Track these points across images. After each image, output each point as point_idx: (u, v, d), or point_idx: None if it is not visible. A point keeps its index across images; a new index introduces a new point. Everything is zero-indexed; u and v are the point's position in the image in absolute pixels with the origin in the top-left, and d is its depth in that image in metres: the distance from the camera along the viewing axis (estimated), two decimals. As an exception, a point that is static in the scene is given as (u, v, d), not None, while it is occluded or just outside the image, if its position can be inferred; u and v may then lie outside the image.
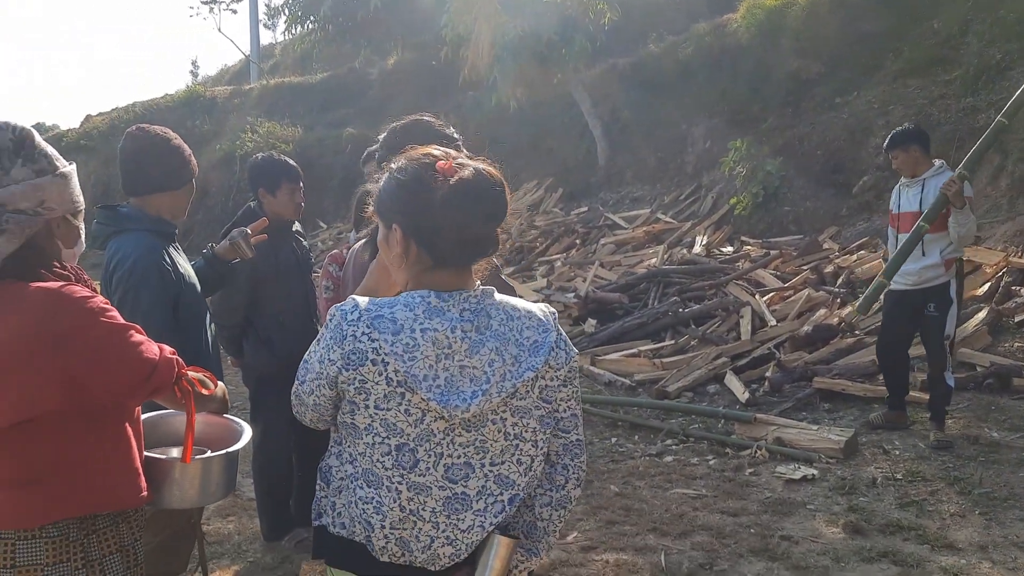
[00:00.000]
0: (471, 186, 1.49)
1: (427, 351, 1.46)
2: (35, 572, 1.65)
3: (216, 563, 3.86)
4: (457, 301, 1.51)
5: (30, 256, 1.69)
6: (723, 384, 6.07)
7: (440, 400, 1.46)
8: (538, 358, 1.54)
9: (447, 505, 1.53)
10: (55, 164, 1.73)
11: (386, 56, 19.22)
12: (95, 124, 21.04)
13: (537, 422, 1.58)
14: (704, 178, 10.94)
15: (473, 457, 1.53)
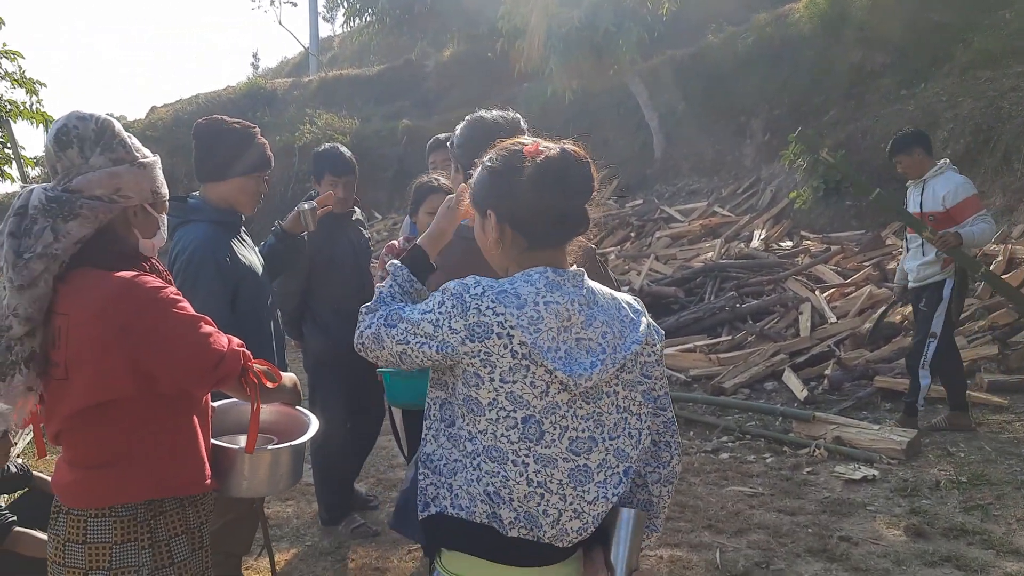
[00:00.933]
0: (556, 164, 1.57)
1: (550, 323, 1.52)
2: (104, 549, 1.72)
3: (275, 546, 3.95)
4: (568, 277, 1.59)
5: (106, 243, 1.75)
6: (781, 381, 5.99)
7: (565, 369, 1.52)
8: (639, 333, 1.63)
9: (572, 477, 1.57)
10: (134, 154, 1.79)
11: (442, 48, 19.31)
12: (160, 115, 21.59)
13: (642, 396, 1.66)
14: (763, 171, 10.76)
15: (595, 431, 1.59)
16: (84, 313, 1.67)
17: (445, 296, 1.56)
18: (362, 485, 4.76)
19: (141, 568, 1.74)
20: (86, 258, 1.73)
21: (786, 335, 6.61)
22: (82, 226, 1.70)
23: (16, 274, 1.67)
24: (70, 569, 1.73)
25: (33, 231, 1.68)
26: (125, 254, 1.79)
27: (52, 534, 1.79)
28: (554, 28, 11.17)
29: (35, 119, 13.30)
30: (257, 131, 2.94)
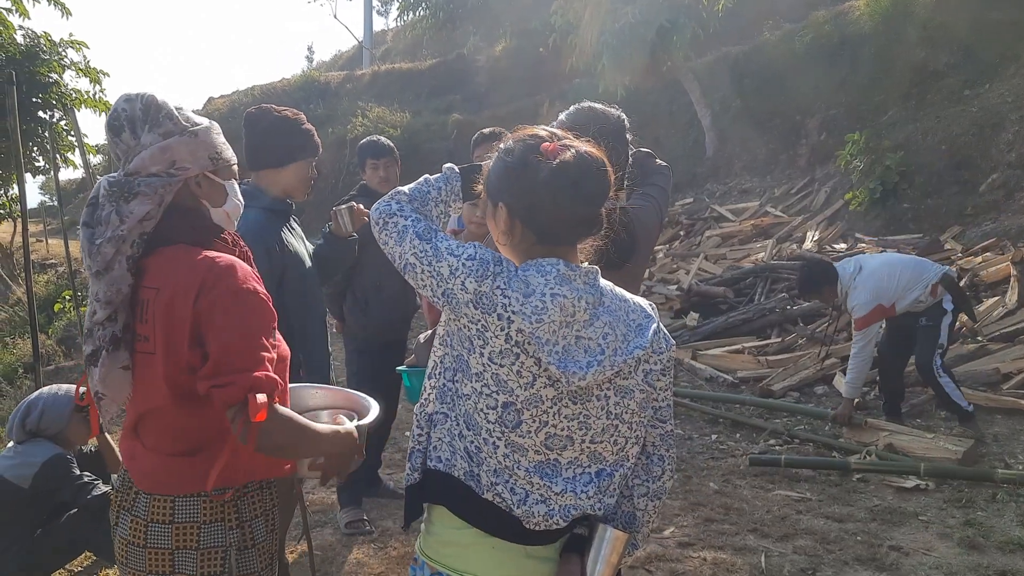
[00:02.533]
0: (571, 168, 1.53)
1: (554, 316, 1.49)
2: (192, 528, 1.72)
3: (318, 532, 4.01)
4: (580, 273, 1.56)
5: (181, 218, 1.75)
6: (831, 386, 5.87)
7: (559, 365, 1.49)
8: (644, 339, 1.59)
9: (539, 468, 1.56)
10: (183, 124, 1.76)
11: (493, 43, 19.34)
12: (217, 106, 22.05)
13: (637, 405, 1.61)
14: (817, 171, 10.56)
15: (576, 432, 1.56)
16: (171, 286, 1.67)
17: (475, 252, 1.55)
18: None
19: (229, 548, 1.74)
20: (169, 235, 1.73)
21: (838, 339, 6.46)
22: (143, 204, 1.69)
23: (92, 261, 1.69)
24: (153, 549, 1.71)
25: (101, 217, 1.71)
26: (203, 227, 1.79)
27: (130, 516, 1.76)
28: (608, 24, 11.10)
29: (98, 107, 13.71)
30: (303, 118, 2.98)
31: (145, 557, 1.72)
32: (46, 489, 3.30)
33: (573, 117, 2.44)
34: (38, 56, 12.43)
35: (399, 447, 5.30)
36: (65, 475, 3.33)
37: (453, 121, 16.71)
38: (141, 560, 1.72)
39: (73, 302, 9.06)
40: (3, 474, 3.31)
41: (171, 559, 1.71)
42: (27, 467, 3.30)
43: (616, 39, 11.01)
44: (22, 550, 3.29)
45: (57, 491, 3.32)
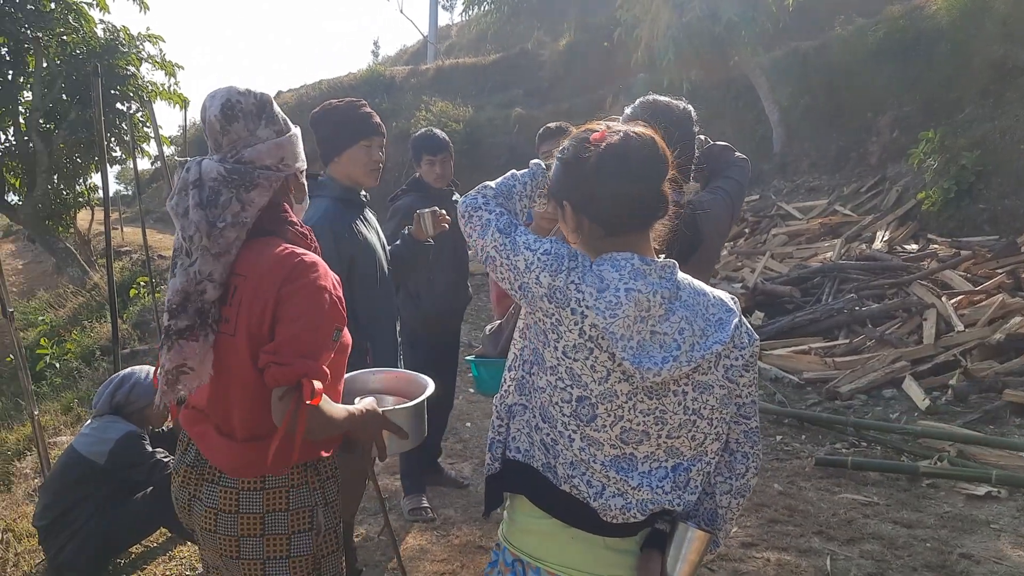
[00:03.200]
0: (618, 148, 1.54)
1: (628, 311, 1.49)
2: (282, 492, 1.84)
3: (381, 518, 4.08)
4: (656, 267, 1.54)
5: (273, 211, 1.87)
6: (900, 389, 5.72)
7: (633, 361, 1.49)
8: (724, 333, 1.56)
9: (615, 463, 1.56)
10: (288, 125, 1.91)
11: (558, 37, 19.31)
12: (285, 99, 22.49)
13: (717, 400, 1.59)
14: (889, 170, 10.28)
15: (651, 427, 1.55)
16: (258, 274, 1.77)
17: (551, 247, 1.57)
18: (466, 465, 4.86)
19: (316, 507, 1.88)
20: (261, 226, 1.84)
21: (908, 341, 6.31)
22: (261, 195, 1.81)
23: (212, 243, 1.77)
24: (246, 515, 1.82)
25: (219, 202, 1.78)
26: (289, 221, 1.90)
27: (218, 487, 1.84)
28: (674, 18, 10.99)
29: (172, 100, 14.12)
30: (361, 103, 3.02)
31: (237, 522, 1.83)
32: (120, 465, 3.43)
33: (638, 110, 2.45)
34: (117, 49, 12.89)
35: (459, 437, 5.37)
36: (138, 452, 3.46)
37: (515, 116, 16.73)
38: (233, 525, 1.83)
39: (148, 288, 9.37)
40: (80, 450, 3.46)
41: (262, 522, 1.83)
42: (103, 443, 3.43)
43: (683, 33, 10.90)
44: (100, 524, 3.42)
45: (131, 468, 3.46)
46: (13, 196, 13.86)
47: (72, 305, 12.13)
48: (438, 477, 4.43)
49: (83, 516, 3.42)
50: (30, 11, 11.53)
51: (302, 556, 1.86)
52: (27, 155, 12.94)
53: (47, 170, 12.83)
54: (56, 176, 13.66)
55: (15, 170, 13.53)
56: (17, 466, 5.32)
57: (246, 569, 1.85)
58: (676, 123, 2.36)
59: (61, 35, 12.42)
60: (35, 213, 13.31)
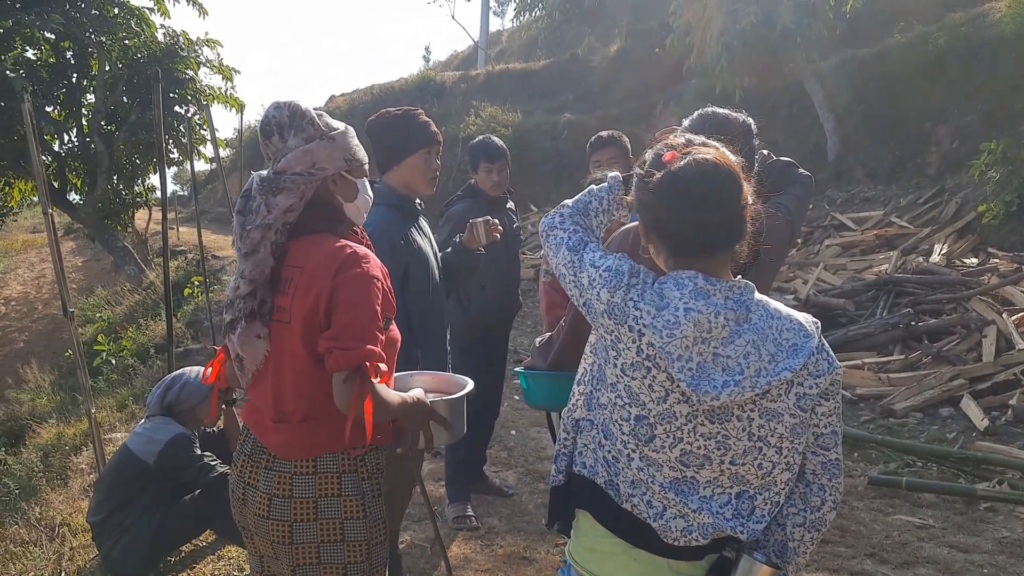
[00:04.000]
0: (681, 174, 1.50)
1: (687, 331, 1.46)
2: (335, 477, 1.93)
3: (426, 524, 4.09)
4: (722, 288, 1.50)
5: (321, 210, 1.99)
6: (958, 408, 5.56)
7: (691, 383, 1.45)
8: (796, 360, 1.49)
9: (674, 485, 1.53)
10: (322, 130, 1.98)
11: (608, 43, 19.25)
12: (337, 104, 22.80)
13: (788, 429, 1.53)
14: (948, 181, 10.01)
15: (713, 452, 1.51)
16: (313, 264, 1.90)
17: (613, 264, 1.57)
18: (511, 473, 4.85)
19: (364, 496, 1.95)
20: (311, 225, 1.97)
21: (967, 359, 6.12)
22: (287, 197, 1.92)
23: (242, 243, 1.95)
24: (299, 500, 1.90)
25: (252, 208, 1.96)
26: (339, 219, 2.02)
27: (273, 472, 1.93)
28: (728, 24, 10.85)
29: (229, 103, 14.41)
30: (418, 112, 3.04)
31: (290, 507, 1.91)
32: (168, 467, 3.49)
33: (696, 123, 2.38)
34: (177, 54, 13.20)
35: (503, 445, 5.36)
36: (186, 454, 3.52)
37: (564, 121, 16.70)
38: (286, 510, 1.91)
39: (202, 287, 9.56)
40: (132, 449, 3.53)
41: (315, 507, 1.91)
42: (153, 444, 3.50)
43: (737, 40, 10.75)
44: (150, 523, 3.49)
45: (179, 470, 3.52)
46: (75, 195, 14.28)
47: (129, 303, 12.44)
48: (483, 485, 4.42)
49: (134, 514, 3.49)
50: (95, 16, 11.87)
51: (356, 541, 1.94)
52: (89, 156, 13.33)
53: (107, 170, 13.19)
54: (116, 176, 14.05)
55: (77, 170, 13.95)
56: (74, 461, 5.47)
57: (299, 554, 1.92)
58: (736, 137, 2.32)
59: (123, 40, 12.78)
60: (95, 212, 13.70)
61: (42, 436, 7.10)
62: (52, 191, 12.96)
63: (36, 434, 7.37)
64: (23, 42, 11.90)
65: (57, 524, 4.20)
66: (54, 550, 3.90)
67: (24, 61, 11.80)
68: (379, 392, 1.84)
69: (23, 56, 11.87)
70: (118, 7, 12.31)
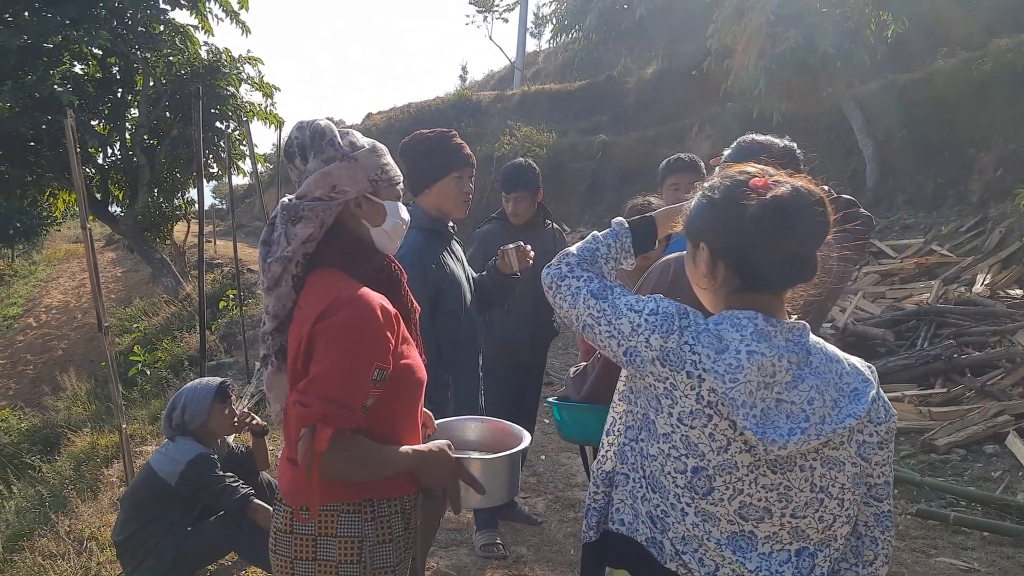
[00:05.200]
0: (786, 203, 1.41)
1: (751, 375, 1.37)
2: (334, 516, 1.80)
3: (454, 551, 4.05)
4: (783, 329, 1.43)
5: (338, 241, 1.84)
6: (1003, 445, 5.38)
7: (757, 431, 1.37)
8: (859, 406, 1.42)
9: (732, 541, 1.44)
10: (343, 150, 1.84)
11: (645, 65, 19.24)
12: (375, 121, 23.06)
13: (848, 479, 1.45)
14: (991, 210, 9.79)
15: (774, 504, 1.43)
16: (306, 307, 1.79)
17: (657, 306, 1.48)
18: (539, 500, 4.78)
19: (365, 539, 1.81)
20: (325, 258, 1.83)
21: (1012, 394, 5.94)
22: (306, 227, 1.80)
23: (264, 277, 1.85)
24: (299, 535, 1.81)
25: (273, 238, 1.85)
26: (360, 251, 1.86)
27: (281, 507, 1.87)
28: (768, 48, 10.77)
29: (268, 120, 14.62)
30: (452, 134, 3.00)
31: (291, 543, 1.82)
32: (191, 487, 3.46)
33: (736, 153, 2.31)
34: (219, 70, 13.45)
35: (533, 471, 5.29)
36: (207, 475, 3.47)
37: (599, 143, 16.70)
38: (288, 545, 1.83)
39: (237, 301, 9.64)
40: (155, 468, 3.51)
41: (314, 544, 1.81)
42: (175, 464, 3.46)
43: (776, 64, 10.67)
44: (173, 545, 3.46)
45: (201, 491, 3.47)
46: (116, 207, 14.56)
47: (165, 314, 12.61)
48: (512, 512, 4.36)
49: (157, 535, 3.46)
50: (141, 33, 12.14)
51: None
52: (131, 169, 13.59)
53: (148, 183, 13.43)
54: (156, 189, 14.31)
55: (119, 182, 14.24)
56: (105, 473, 5.51)
57: None
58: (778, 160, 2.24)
59: (168, 56, 13.04)
60: (135, 224, 13.94)
61: (76, 445, 7.18)
62: (94, 203, 13.21)
63: (71, 442, 7.46)
64: (71, 57, 12.19)
65: (85, 538, 4.21)
66: (81, 564, 3.91)
67: (72, 76, 12.08)
68: (347, 453, 1.70)
69: (71, 71, 12.15)
70: (164, 24, 12.58)
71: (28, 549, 4.42)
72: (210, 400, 3.59)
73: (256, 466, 3.91)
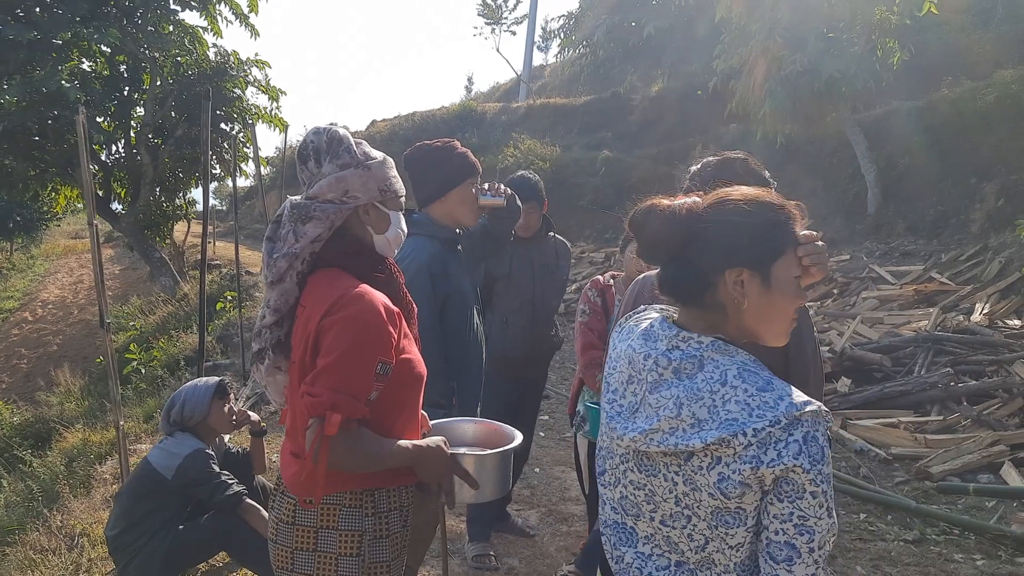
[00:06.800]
0: None
1: (622, 367, 1.50)
2: (336, 510, 1.87)
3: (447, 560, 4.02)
4: (673, 336, 1.43)
5: (343, 243, 1.92)
6: (998, 475, 5.38)
7: (609, 417, 1.50)
8: (713, 433, 1.32)
9: (614, 528, 1.53)
10: (359, 158, 1.93)
11: (650, 83, 19.33)
12: (379, 129, 23.11)
13: (710, 512, 1.36)
14: (992, 239, 9.82)
15: (643, 504, 1.47)
16: (311, 304, 1.85)
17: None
18: (533, 512, 4.77)
19: (364, 533, 1.88)
20: (330, 258, 1.91)
21: (1009, 424, 5.94)
22: (316, 227, 1.87)
23: (268, 271, 1.91)
24: (301, 527, 1.87)
25: (280, 234, 1.92)
26: (361, 253, 1.94)
27: (284, 499, 1.93)
28: (774, 71, 10.84)
29: (273, 123, 14.65)
30: (455, 143, 3.01)
31: (293, 533, 1.88)
32: (186, 482, 3.46)
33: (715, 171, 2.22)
34: (226, 72, 13.48)
35: (527, 483, 5.28)
36: (203, 469, 3.48)
37: (602, 158, 16.77)
38: (289, 536, 1.89)
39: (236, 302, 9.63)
40: (153, 462, 3.51)
41: (315, 536, 1.87)
42: (173, 458, 3.47)
43: (781, 87, 10.73)
44: (164, 541, 3.45)
45: (196, 485, 3.48)
46: (118, 205, 14.56)
47: (162, 313, 12.59)
48: (505, 524, 4.35)
49: (150, 531, 3.45)
50: (150, 32, 12.16)
51: None
52: (134, 167, 13.60)
53: (151, 182, 13.43)
54: (159, 188, 14.30)
55: (122, 180, 14.24)
56: (98, 470, 5.48)
57: None
58: None
59: (176, 56, 13.07)
60: (136, 222, 13.94)
61: (68, 441, 7.16)
62: (96, 200, 13.19)
63: (62, 438, 7.43)
64: (80, 54, 12.21)
65: (77, 534, 4.20)
66: (72, 560, 3.89)
67: (79, 72, 12.09)
68: (354, 443, 1.77)
69: (79, 68, 12.17)
70: (174, 25, 12.61)
71: (19, 543, 4.40)
72: (210, 396, 3.60)
73: (252, 469, 3.90)
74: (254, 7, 13.25)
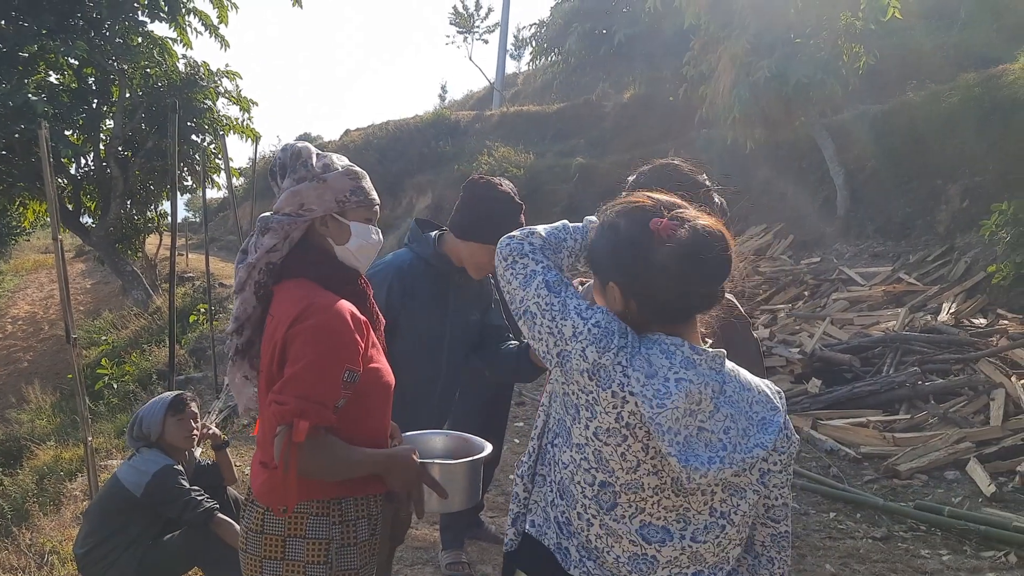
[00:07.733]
0: (690, 250, 1.41)
1: (678, 402, 1.37)
2: (303, 519, 1.89)
3: (419, 570, 4.03)
4: (708, 358, 1.44)
5: (305, 254, 1.97)
6: (964, 472, 5.47)
7: (681, 458, 1.36)
8: (767, 437, 1.44)
9: (631, 561, 1.45)
10: (314, 172, 1.98)
11: (622, 90, 19.46)
12: (352, 138, 23.05)
13: (749, 506, 1.47)
14: (958, 240, 9.99)
15: (673, 524, 1.44)
16: (279, 314, 1.89)
17: (601, 319, 1.44)
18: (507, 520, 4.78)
19: (332, 541, 1.90)
20: (294, 270, 1.95)
21: (974, 422, 6.05)
22: (271, 238, 1.93)
23: (235, 281, 1.99)
24: (269, 536, 1.89)
25: (245, 247, 2.00)
26: (324, 263, 1.97)
27: (253, 507, 1.95)
28: (742, 76, 10.97)
29: (245, 133, 14.58)
30: (518, 203, 2.84)
31: (261, 542, 1.90)
32: (155, 499, 3.43)
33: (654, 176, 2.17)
34: (196, 83, 13.40)
35: (502, 490, 5.29)
36: (172, 486, 3.45)
37: (576, 165, 16.85)
38: (258, 545, 1.91)
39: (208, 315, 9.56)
40: (122, 479, 3.49)
41: (283, 545, 1.89)
42: (141, 475, 3.44)
43: (750, 92, 10.86)
44: (137, 556, 3.42)
45: (165, 503, 3.44)
46: (88, 218, 14.41)
47: (134, 327, 12.47)
48: (478, 531, 4.35)
49: (119, 548, 3.42)
50: (118, 44, 12.08)
51: None
52: (104, 180, 13.48)
53: (121, 195, 13.32)
54: (129, 201, 14.19)
55: (92, 194, 14.10)
56: (68, 487, 5.43)
57: None
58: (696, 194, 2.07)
59: (145, 68, 12.98)
60: (107, 236, 13.80)
61: (39, 458, 7.08)
62: (65, 214, 13.06)
63: (34, 456, 7.34)
64: (47, 67, 12.10)
65: (47, 552, 4.15)
66: (41, 579, 3.85)
67: (47, 85, 11.97)
68: (323, 451, 1.79)
69: (46, 80, 12.05)
70: (142, 36, 12.54)
71: (-14, 563, 4.34)
72: (163, 413, 3.58)
73: (223, 481, 3.88)
74: (224, 18, 13.21)
